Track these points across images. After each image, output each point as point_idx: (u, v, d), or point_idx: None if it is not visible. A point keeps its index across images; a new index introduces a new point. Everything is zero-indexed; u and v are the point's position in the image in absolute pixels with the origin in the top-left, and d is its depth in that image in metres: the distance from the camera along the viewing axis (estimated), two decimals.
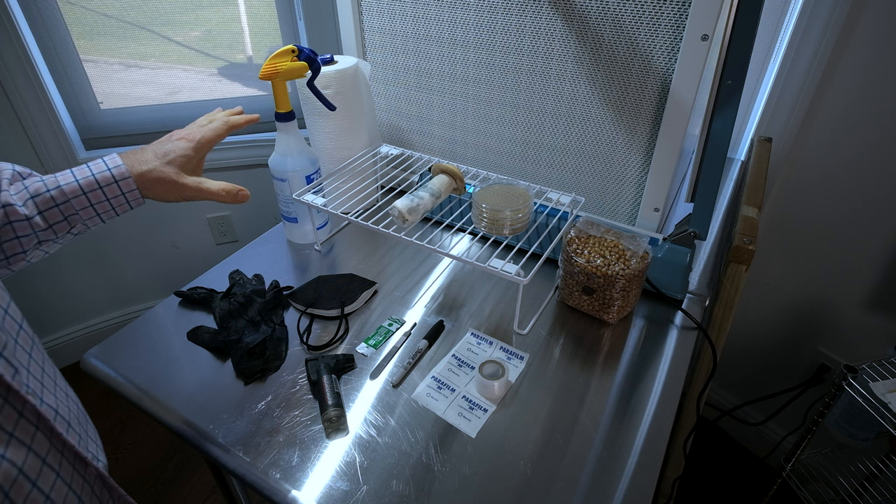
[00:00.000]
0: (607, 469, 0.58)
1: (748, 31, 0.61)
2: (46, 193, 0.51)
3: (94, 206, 0.53)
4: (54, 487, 0.39)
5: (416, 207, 0.75)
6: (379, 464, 0.58)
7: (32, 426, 0.39)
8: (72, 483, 0.42)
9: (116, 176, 0.53)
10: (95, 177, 0.52)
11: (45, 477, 0.39)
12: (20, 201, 0.50)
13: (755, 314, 1.42)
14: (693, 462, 1.49)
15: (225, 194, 0.58)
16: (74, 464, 0.43)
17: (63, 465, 0.41)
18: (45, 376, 0.44)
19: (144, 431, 1.60)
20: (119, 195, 0.53)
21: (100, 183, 0.52)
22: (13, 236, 0.50)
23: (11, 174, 0.52)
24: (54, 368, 0.47)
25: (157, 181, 0.55)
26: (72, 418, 0.45)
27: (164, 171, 0.55)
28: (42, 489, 0.38)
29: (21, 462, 0.37)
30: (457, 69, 0.90)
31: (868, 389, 0.96)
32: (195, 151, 0.57)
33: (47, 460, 0.39)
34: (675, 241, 0.78)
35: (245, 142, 1.66)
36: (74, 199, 0.52)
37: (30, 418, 0.39)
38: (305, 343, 0.73)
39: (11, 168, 0.53)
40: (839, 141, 1.13)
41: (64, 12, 1.38)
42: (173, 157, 0.56)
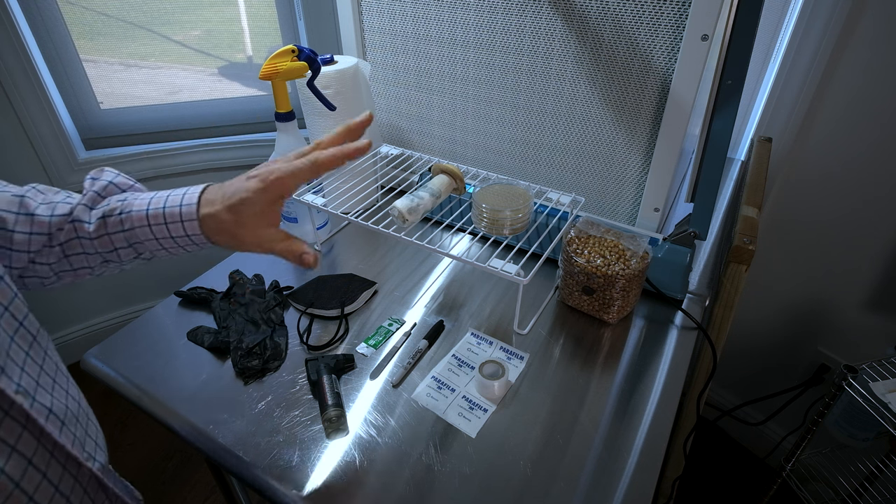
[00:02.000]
0: (607, 469, 0.58)
1: (748, 31, 0.61)
2: (117, 216, 0.48)
3: (159, 240, 0.48)
4: (39, 488, 0.39)
5: (416, 207, 0.75)
6: (379, 464, 0.58)
7: (19, 426, 0.38)
8: (59, 484, 0.41)
9: (184, 214, 0.47)
10: (165, 209, 0.47)
11: (30, 478, 0.38)
12: (93, 219, 0.48)
13: (755, 314, 1.42)
14: (693, 462, 1.49)
15: (290, 256, 0.49)
16: (66, 464, 0.42)
17: (51, 466, 0.40)
18: (43, 374, 0.43)
19: (144, 431, 1.60)
20: (182, 235, 0.48)
21: (166, 218, 0.47)
22: (80, 251, 0.49)
23: (105, 186, 0.50)
24: (56, 365, 0.47)
25: (217, 229, 0.47)
26: (68, 417, 0.44)
27: (224, 217, 0.47)
28: (25, 490, 0.38)
29: (3, 464, 0.36)
30: (457, 69, 0.90)
31: (868, 389, 0.96)
32: (261, 193, 0.46)
33: (33, 461, 0.39)
34: (675, 241, 0.78)
35: (245, 142, 1.66)
36: (139, 228, 0.48)
37: (17, 418, 0.38)
38: (305, 343, 0.73)
39: (108, 181, 0.51)
40: (839, 141, 1.13)
41: (64, 12, 1.37)
42: (235, 200, 0.46)
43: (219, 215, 0.47)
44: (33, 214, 0.48)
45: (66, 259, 0.50)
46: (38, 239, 0.48)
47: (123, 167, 1.57)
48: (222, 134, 1.67)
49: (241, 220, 0.47)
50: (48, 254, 0.49)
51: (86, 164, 1.52)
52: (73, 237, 0.49)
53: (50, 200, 0.49)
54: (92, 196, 0.49)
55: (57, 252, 0.49)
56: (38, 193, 0.50)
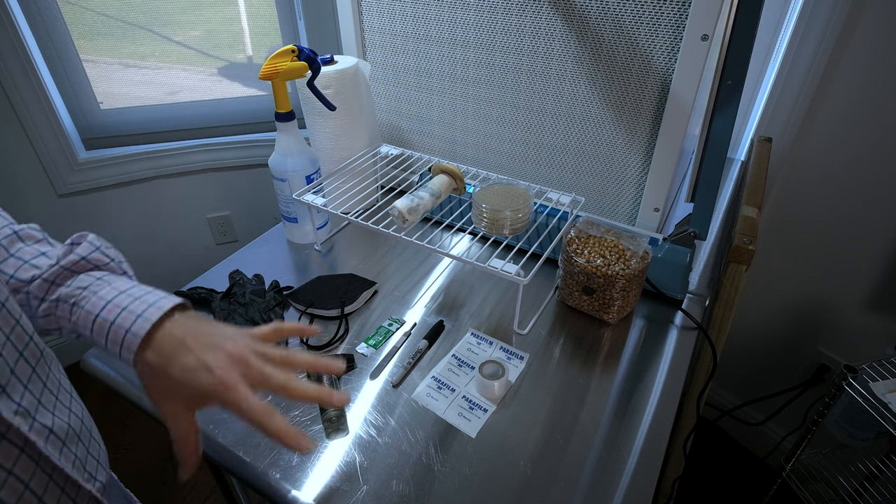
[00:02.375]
0: (607, 469, 0.58)
1: (748, 31, 0.61)
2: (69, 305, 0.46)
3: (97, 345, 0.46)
4: None
5: (416, 207, 0.75)
6: (379, 464, 0.58)
7: (17, 449, 0.37)
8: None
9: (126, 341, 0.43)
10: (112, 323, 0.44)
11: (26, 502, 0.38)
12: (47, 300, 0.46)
13: (755, 314, 1.42)
14: (693, 462, 1.49)
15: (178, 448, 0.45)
16: (64, 487, 0.41)
17: (49, 489, 0.40)
18: (45, 392, 0.42)
19: (144, 431, 1.60)
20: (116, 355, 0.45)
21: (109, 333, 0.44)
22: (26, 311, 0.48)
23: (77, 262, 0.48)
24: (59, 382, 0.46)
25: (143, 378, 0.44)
26: (69, 436, 0.43)
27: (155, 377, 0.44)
28: None
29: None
30: (457, 69, 0.90)
31: (868, 389, 0.96)
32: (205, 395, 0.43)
33: (30, 485, 0.38)
34: (675, 241, 0.78)
35: (245, 142, 1.66)
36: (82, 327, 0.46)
37: (14, 441, 0.37)
38: (305, 343, 0.73)
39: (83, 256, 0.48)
40: (839, 141, 1.13)
41: (64, 12, 1.38)
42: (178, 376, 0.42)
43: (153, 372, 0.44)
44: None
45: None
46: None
47: (123, 167, 1.57)
48: (222, 134, 1.67)
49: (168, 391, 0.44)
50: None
51: (86, 163, 1.52)
52: (23, 304, 0.47)
53: (21, 257, 0.47)
54: (57, 271, 0.47)
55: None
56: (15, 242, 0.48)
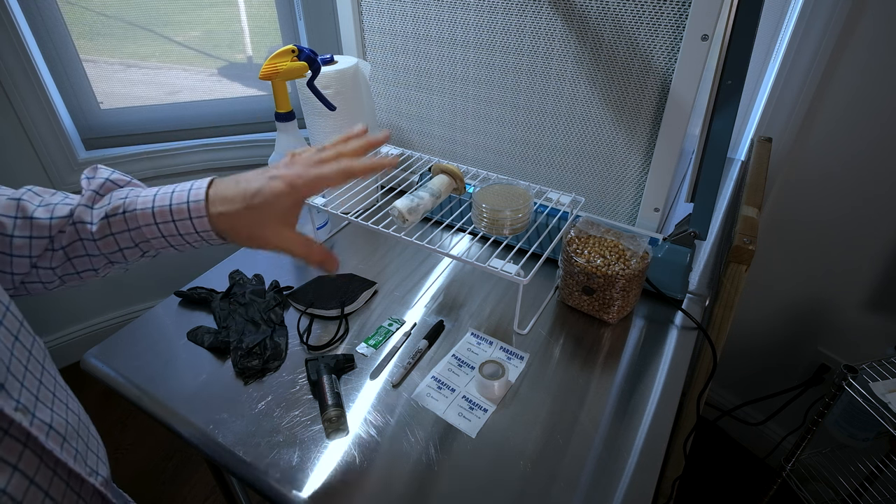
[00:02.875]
0: (607, 469, 0.58)
1: (748, 31, 0.61)
2: (121, 215, 0.46)
3: (166, 238, 0.47)
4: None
5: (416, 207, 0.75)
6: (379, 464, 0.58)
7: (20, 444, 0.37)
8: (63, 501, 0.40)
9: (192, 210, 0.46)
10: (171, 206, 0.46)
11: (32, 497, 0.37)
12: (95, 220, 0.47)
13: (755, 314, 1.42)
14: (693, 462, 1.49)
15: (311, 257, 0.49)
16: (68, 481, 0.41)
17: (54, 484, 0.39)
18: (42, 388, 0.42)
19: (144, 431, 1.60)
20: (192, 232, 0.46)
21: (173, 215, 0.46)
22: (83, 253, 0.48)
23: (102, 183, 0.48)
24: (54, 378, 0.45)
25: (235, 226, 0.46)
26: (69, 432, 0.43)
27: (245, 216, 0.46)
28: None
29: (4, 484, 0.35)
30: (457, 69, 0.90)
31: (868, 389, 0.96)
32: (287, 196, 0.46)
33: (35, 480, 0.38)
34: (675, 241, 0.78)
35: (245, 142, 1.66)
36: (146, 226, 0.47)
37: (17, 437, 0.37)
38: (305, 343, 0.73)
39: (105, 178, 0.49)
40: (839, 141, 1.13)
41: (64, 12, 1.38)
42: (260, 200, 0.46)
43: (239, 214, 0.46)
44: (32, 218, 0.46)
45: (70, 262, 0.49)
46: (38, 243, 0.47)
47: (123, 167, 1.57)
48: (222, 134, 1.67)
49: (263, 220, 0.46)
50: (50, 257, 0.48)
51: (86, 163, 1.52)
52: (75, 239, 0.48)
53: (48, 203, 0.48)
54: (91, 195, 0.48)
55: (60, 255, 0.48)
56: (34, 196, 0.48)
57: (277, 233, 0.47)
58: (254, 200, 0.46)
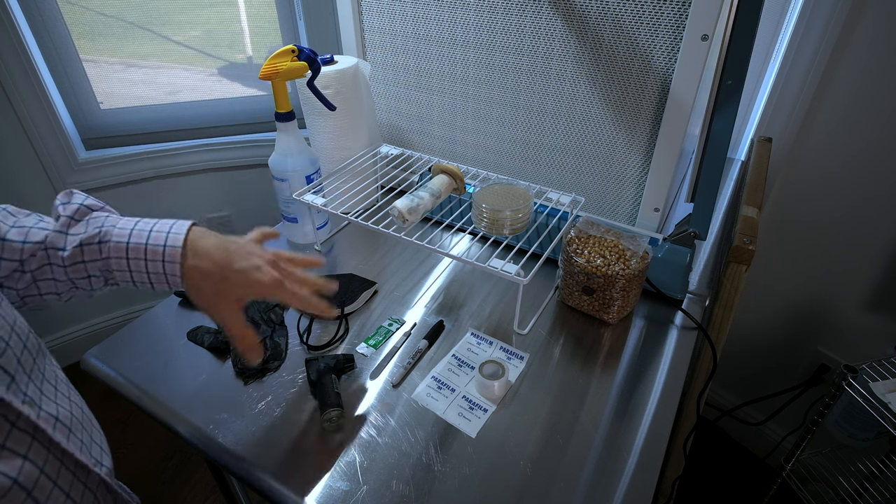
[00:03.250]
0: (607, 469, 0.58)
1: (748, 31, 0.61)
2: (96, 245, 0.47)
3: (132, 273, 0.48)
4: (51, 496, 0.39)
5: (416, 207, 0.75)
6: (379, 464, 0.58)
7: (28, 436, 0.38)
8: (70, 491, 0.41)
9: (167, 255, 0.47)
10: (147, 245, 0.47)
11: (42, 486, 0.38)
12: (68, 246, 0.47)
13: (755, 314, 1.42)
14: (693, 462, 1.49)
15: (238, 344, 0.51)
16: (75, 471, 0.42)
17: (62, 474, 0.40)
18: (45, 382, 0.43)
19: (144, 431, 1.60)
20: (160, 273, 0.48)
21: (146, 254, 0.47)
22: (49, 277, 0.48)
23: (76, 209, 0.49)
24: (56, 373, 0.46)
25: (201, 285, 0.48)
26: (74, 424, 0.44)
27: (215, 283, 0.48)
28: (37, 499, 0.38)
29: (15, 473, 0.36)
30: (457, 69, 0.90)
31: (868, 389, 0.96)
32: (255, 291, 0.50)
33: (45, 469, 0.39)
34: (675, 241, 0.78)
35: (245, 142, 1.66)
36: (115, 259, 0.48)
37: (25, 429, 0.38)
38: (305, 343, 0.73)
39: (79, 204, 0.50)
40: (839, 141, 1.13)
41: (64, 12, 1.38)
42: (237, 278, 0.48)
43: (212, 276, 0.47)
44: (4, 239, 0.46)
45: (35, 284, 0.49)
46: (8, 265, 0.47)
47: (123, 167, 1.57)
48: (222, 134, 1.67)
49: (227, 293, 0.48)
50: (17, 279, 0.48)
51: (86, 163, 1.52)
52: (45, 263, 0.48)
53: (22, 224, 0.48)
54: (66, 221, 0.48)
55: (27, 278, 0.48)
56: (8, 216, 0.48)
57: (231, 309, 0.50)
58: (232, 275, 0.48)
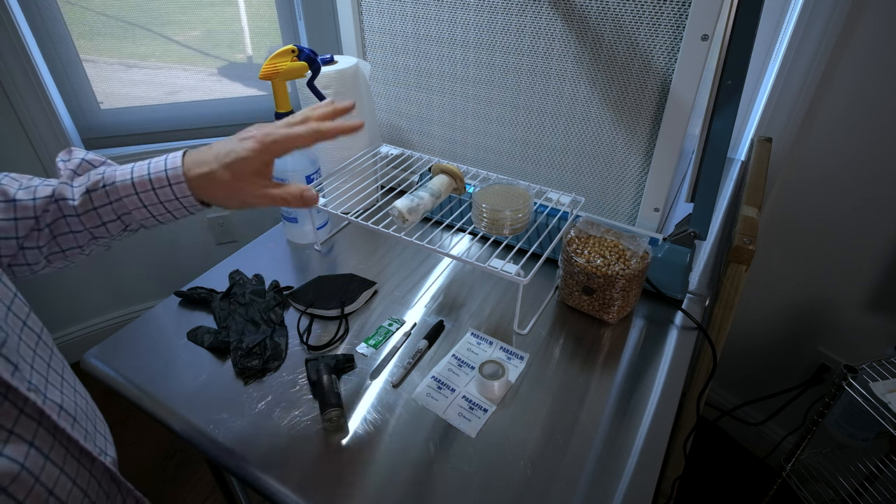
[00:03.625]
0: (607, 469, 0.58)
1: (748, 31, 0.61)
2: (101, 189, 0.49)
3: (148, 208, 0.50)
4: (58, 483, 0.39)
5: (416, 207, 0.75)
6: (379, 464, 0.58)
7: (34, 422, 0.39)
8: (77, 478, 0.41)
9: (171, 178, 0.49)
10: (150, 176, 0.49)
11: (49, 472, 0.38)
12: (76, 196, 0.49)
13: (755, 314, 1.42)
14: (693, 462, 1.49)
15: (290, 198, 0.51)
16: (80, 459, 0.42)
17: (68, 461, 0.41)
18: (51, 371, 0.44)
19: (145, 431, 1.60)
20: (172, 199, 0.49)
21: (153, 184, 0.49)
22: (67, 230, 0.50)
23: (79, 163, 0.51)
24: (63, 363, 0.47)
25: (213, 185, 0.49)
26: (78, 413, 0.45)
27: (221, 174, 0.49)
28: (45, 485, 0.38)
29: (22, 458, 0.36)
30: (457, 69, 0.90)
31: (868, 389, 0.96)
32: (259, 154, 0.49)
33: (51, 456, 0.39)
34: (675, 241, 0.78)
35: None
36: (127, 197, 0.49)
37: (31, 415, 0.39)
38: (305, 343, 0.73)
39: (81, 158, 0.52)
40: (839, 141, 1.13)
41: (64, 12, 1.37)
42: (233, 158, 0.49)
43: (215, 174, 0.49)
44: (14, 200, 0.48)
45: (55, 240, 0.50)
46: (24, 223, 0.48)
47: None
48: (222, 134, 1.67)
49: (237, 176, 0.49)
50: (37, 237, 0.49)
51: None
52: (59, 217, 0.49)
53: (28, 185, 0.49)
54: (69, 174, 0.50)
55: (45, 234, 0.49)
56: (13, 181, 0.50)
57: (254, 186, 0.50)
58: (227, 159, 0.49)
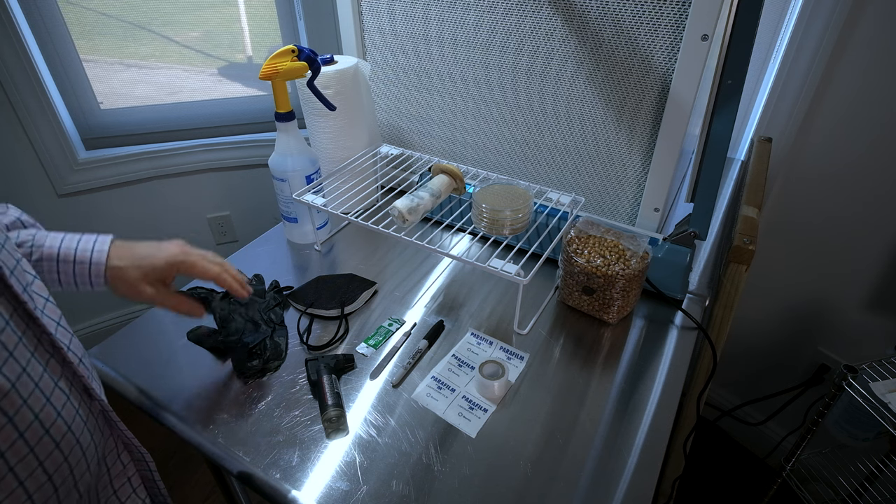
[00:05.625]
0: (607, 469, 0.58)
1: (748, 32, 0.61)
2: (27, 248, 0.54)
3: (59, 275, 0.56)
4: (65, 407, 0.44)
5: (416, 207, 0.75)
6: (379, 464, 0.58)
7: (48, 353, 0.44)
8: (79, 409, 0.46)
9: (93, 262, 0.56)
10: (76, 252, 0.55)
11: (57, 397, 0.43)
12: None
13: (755, 314, 1.42)
14: (693, 462, 1.49)
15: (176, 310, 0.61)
16: (82, 394, 0.47)
17: (72, 392, 0.45)
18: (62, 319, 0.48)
19: (145, 431, 1.60)
20: (85, 278, 0.56)
21: (76, 260, 0.55)
22: None
23: (13, 221, 0.57)
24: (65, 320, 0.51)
25: (120, 278, 0.57)
26: (81, 355, 0.49)
27: (131, 273, 0.57)
28: (55, 406, 0.42)
29: (37, 379, 0.41)
30: (457, 69, 0.90)
31: (868, 389, 0.96)
32: (169, 267, 0.59)
33: (59, 384, 0.44)
34: (675, 241, 0.78)
35: (245, 142, 1.66)
36: (47, 262, 0.54)
37: (46, 346, 0.43)
38: (305, 343, 0.73)
39: (17, 216, 0.57)
40: (839, 141, 1.13)
41: (64, 12, 1.37)
42: (146, 263, 0.58)
43: (125, 270, 0.57)
44: None
45: None
46: None
47: (123, 167, 1.57)
48: (222, 134, 1.67)
49: (144, 277, 0.58)
50: None
51: (86, 163, 1.52)
52: None
53: None
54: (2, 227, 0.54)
55: None
56: None
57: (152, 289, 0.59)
58: (141, 262, 0.58)
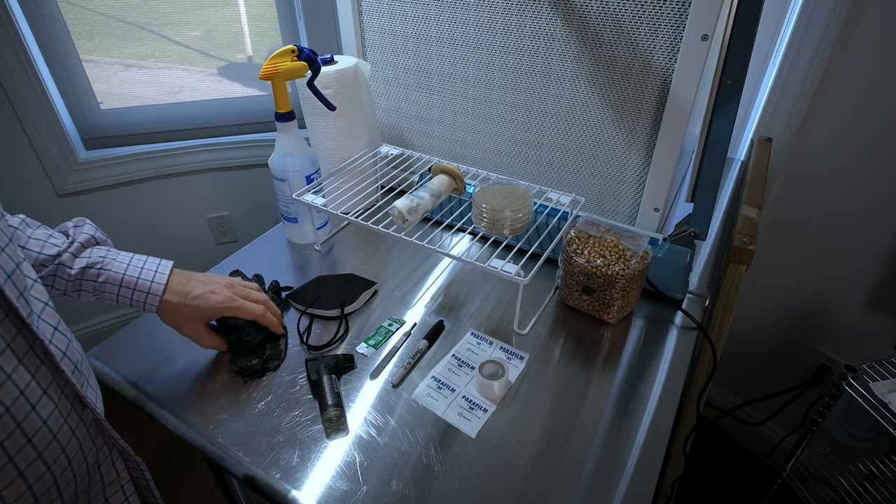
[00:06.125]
0: (607, 469, 0.58)
1: (748, 32, 0.61)
2: (96, 270, 0.60)
3: (118, 297, 0.61)
4: (51, 416, 0.43)
5: (416, 207, 0.75)
6: (379, 464, 0.58)
7: (38, 360, 0.43)
8: (68, 418, 0.45)
9: (151, 291, 0.61)
10: (137, 281, 0.61)
11: (44, 405, 0.42)
12: (76, 267, 0.59)
13: (755, 314, 1.42)
14: (693, 462, 1.49)
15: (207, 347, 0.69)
16: (73, 403, 0.46)
17: (62, 401, 0.44)
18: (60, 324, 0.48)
19: (144, 431, 1.60)
20: (141, 304, 0.61)
21: (136, 288, 0.61)
22: (50, 285, 0.59)
23: (88, 239, 0.62)
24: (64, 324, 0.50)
25: (167, 310, 0.63)
26: (78, 362, 0.48)
27: (180, 309, 0.63)
28: (40, 415, 0.42)
29: (23, 387, 0.40)
30: (457, 69, 0.90)
31: (868, 389, 0.96)
32: (214, 311, 0.65)
33: (48, 392, 0.43)
34: (675, 241, 0.78)
35: (245, 142, 1.66)
36: (109, 285, 0.60)
37: (37, 353, 0.43)
38: (305, 343, 0.73)
39: (91, 234, 0.62)
40: (839, 141, 1.13)
41: (64, 12, 1.37)
42: (196, 304, 0.63)
43: (175, 308, 0.63)
44: (24, 248, 0.57)
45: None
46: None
47: (123, 167, 1.57)
48: (222, 134, 1.67)
49: (189, 315, 0.64)
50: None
51: (86, 163, 1.52)
52: (52, 274, 0.59)
53: (38, 237, 0.59)
54: (78, 247, 0.60)
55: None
56: (27, 227, 0.59)
57: (193, 326, 0.65)
58: (192, 301, 0.63)
